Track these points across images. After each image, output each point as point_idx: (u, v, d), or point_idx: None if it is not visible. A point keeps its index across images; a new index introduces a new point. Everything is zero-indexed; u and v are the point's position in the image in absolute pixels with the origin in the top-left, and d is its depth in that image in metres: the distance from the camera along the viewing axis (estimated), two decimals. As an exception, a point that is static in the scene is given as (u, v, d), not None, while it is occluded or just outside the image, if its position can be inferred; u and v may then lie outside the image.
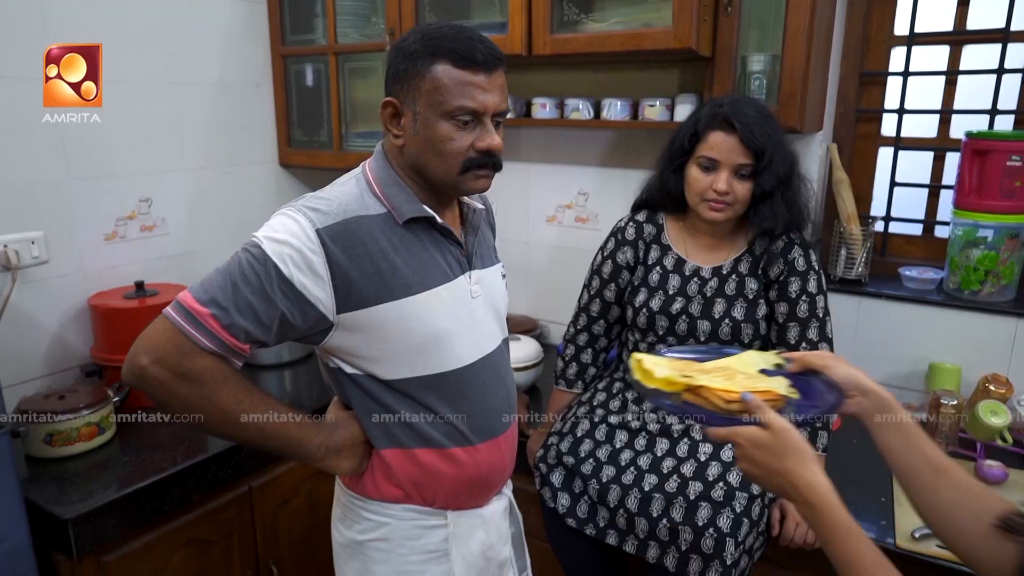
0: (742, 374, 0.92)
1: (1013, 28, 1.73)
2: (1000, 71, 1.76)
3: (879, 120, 1.94)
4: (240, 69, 2.24)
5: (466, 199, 1.19)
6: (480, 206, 1.21)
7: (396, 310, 1.05)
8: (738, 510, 1.31)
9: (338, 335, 1.06)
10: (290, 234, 0.99)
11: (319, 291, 1.01)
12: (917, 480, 0.87)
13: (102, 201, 1.93)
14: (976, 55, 1.81)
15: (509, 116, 1.98)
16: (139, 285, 1.90)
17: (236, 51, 2.22)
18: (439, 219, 1.09)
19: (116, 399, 1.73)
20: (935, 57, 1.86)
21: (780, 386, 0.90)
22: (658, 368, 0.91)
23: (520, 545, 1.32)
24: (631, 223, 1.57)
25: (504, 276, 1.27)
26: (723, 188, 1.35)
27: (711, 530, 1.30)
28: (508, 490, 1.30)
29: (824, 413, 0.89)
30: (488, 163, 1.06)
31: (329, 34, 2.17)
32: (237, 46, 2.22)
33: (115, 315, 1.82)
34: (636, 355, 0.97)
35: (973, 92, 1.83)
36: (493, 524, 1.22)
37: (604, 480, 1.42)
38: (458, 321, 1.11)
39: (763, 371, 0.95)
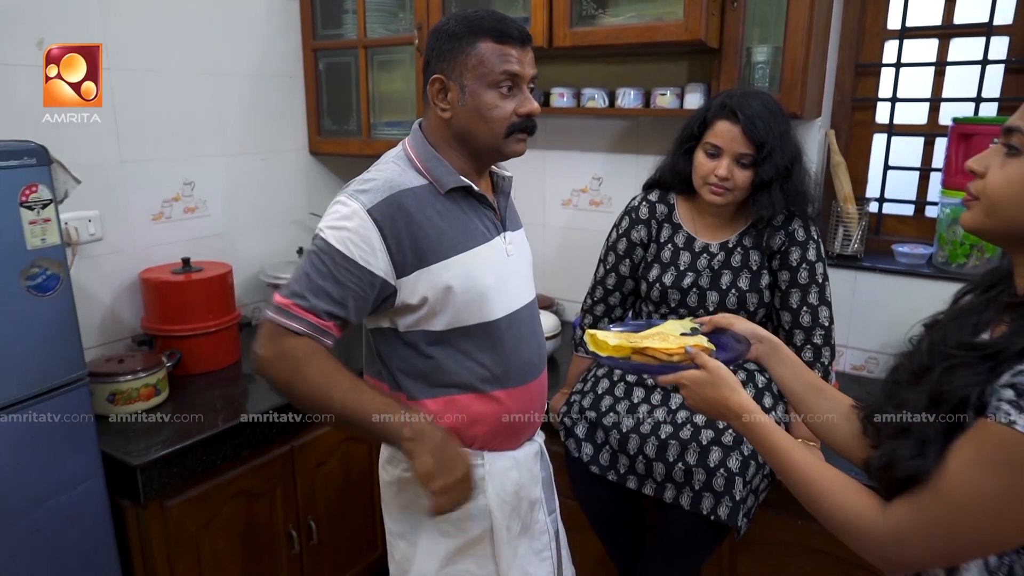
0: (672, 335, 1.12)
1: (996, 22, 1.88)
2: (984, 62, 1.91)
3: (874, 108, 2.08)
4: (274, 62, 2.38)
5: (496, 168, 1.33)
6: (508, 174, 1.35)
7: (445, 268, 1.19)
8: (746, 453, 1.46)
9: (400, 296, 1.19)
10: (345, 219, 1.14)
11: (379, 262, 1.15)
12: (805, 400, 1.09)
13: (150, 184, 2.08)
14: (962, 47, 1.96)
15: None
16: (185, 261, 2.04)
17: (271, 45, 2.36)
18: (476, 187, 1.24)
19: (169, 364, 1.87)
20: (925, 49, 2.01)
21: (702, 341, 1.10)
22: (609, 339, 1.10)
23: (550, 488, 1.45)
24: (644, 202, 1.71)
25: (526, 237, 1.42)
26: (724, 174, 1.48)
27: (722, 470, 1.44)
28: (540, 438, 1.44)
29: (738, 358, 1.10)
30: (528, 126, 1.21)
31: (359, 29, 2.31)
32: (272, 41, 2.37)
33: (165, 288, 1.97)
34: (589, 331, 1.15)
35: (960, 82, 1.97)
36: (525, 466, 1.35)
37: (624, 430, 1.56)
38: (496, 276, 1.25)
39: (683, 334, 1.14)
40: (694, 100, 1.94)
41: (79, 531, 1.49)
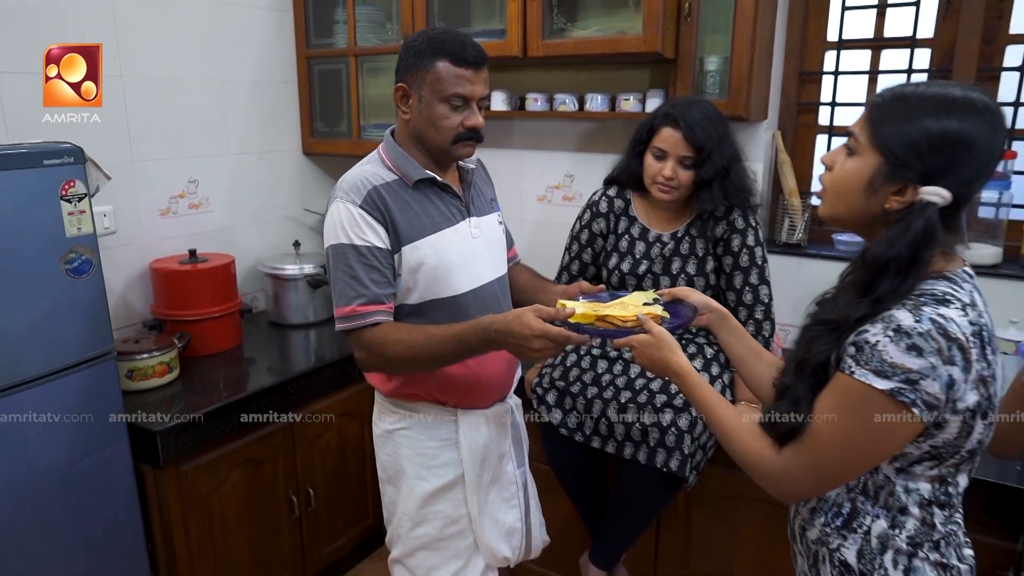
0: (632, 305, 1.33)
1: (919, 36, 2.11)
2: (910, 71, 2.15)
3: (816, 111, 2.31)
4: (270, 69, 2.58)
5: (461, 162, 1.52)
6: (472, 166, 1.55)
7: (417, 248, 1.40)
8: (694, 414, 1.68)
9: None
10: (348, 216, 1.36)
11: (384, 239, 1.37)
12: (746, 363, 1.28)
13: (159, 182, 2.26)
14: (892, 57, 2.20)
15: (504, 108, 2.34)
16: (192, 252, 2.23)
17: (267, 54, 2.56)
18: (439, 178, 1.44)
19: (180, 345, 2.06)
20: (860, 59, 2.24)
21: (658, 311, 1.31)
22: (576, 307, 1.31)
23: (519, 445, 1.65)
24: (604, 197, 1.92)
25: (502, 223, 1.61)
26: (669, 175, 1.69)
27: (673, 429, 1.66)
28: (512, 401, 1.65)
29: (685, 324, 1.30)
30: (473, 136, 1.42)
31: (350, 39, 2.51)
32: (268, 49, 2.56)
33: (174, 276, 2.15)
34: (561, 300, 1.36)
35: (891, 88, 2.21)
36: (495, 423, 1.56)
37: (589, 397, 1.77)
38: (462, 256, 1.45)
39: (645, 304, 1.35)
40: (654, 105, 2.15)
41: (106, 490, 1.68)
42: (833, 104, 2.27)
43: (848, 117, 2.29)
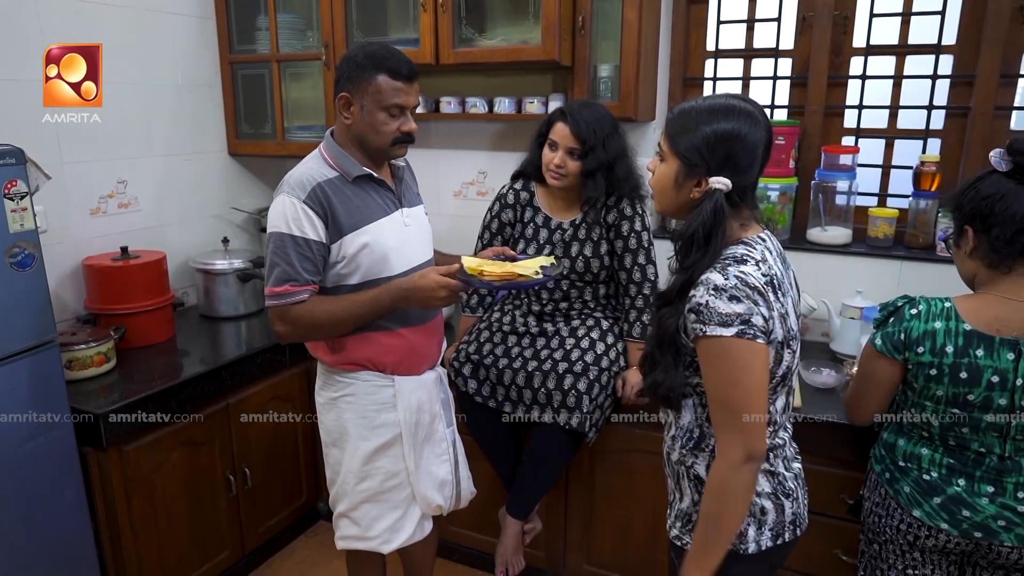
0: (512, 264, 1.62)
1: (782, 47, 2.44)
2: (775, 78, 2.47)
3: (699, 113, 2.61)
4: (195, 73, 2.69)
5: (393, 160, 1.74)
6: (401, 164, 1.78)
7: (358, 236, 1.60)
8: (591, 377, 1.92)
9: (331, 257, 1.60)
10: (292, 210, 1.55)
11: (320, 233, 1.57)
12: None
13: (88, 183, 2.36)
14: (761, 66, 2.51)
15: (421, 111, 2.54)
16: (124, 250, 2.34)
17: (192, 59, 2.67)
18: (376, 174, 1.65)
19: (116, 336, 2.17)
20: (735, 67, 2.55)
21: (528, 271, 1.58)
22: (466, 262, 1.60)
23: (448, 407, 1.86)
24: (511, 190, 2.14)
25: (427, 213, 1.84)
26: (558, 163, 1.93)
27: (573, 391, 1.90)
28: (440, 370, 1.85)
29: (555, 278, 1.60)
30: (407, 139, 1.65)
31: (272, 45, 2.66)
32: (193, 55, 2.67)
33: (108, 272, 2.26)
34: (464, 257, 1.63)
35: (760, 93, 2.53)
36: (427, 388, 1.77)
37: (501, 367, 2.00)
38: (396, 241, 1.66)
39: (543, 266, 1.64)
40: (556, 107, 2.40)
41: (52, 470, 1.79)
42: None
43: (725, 118, 2.59)
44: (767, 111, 2.50)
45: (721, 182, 1.18)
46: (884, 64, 2.35)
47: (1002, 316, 1.31)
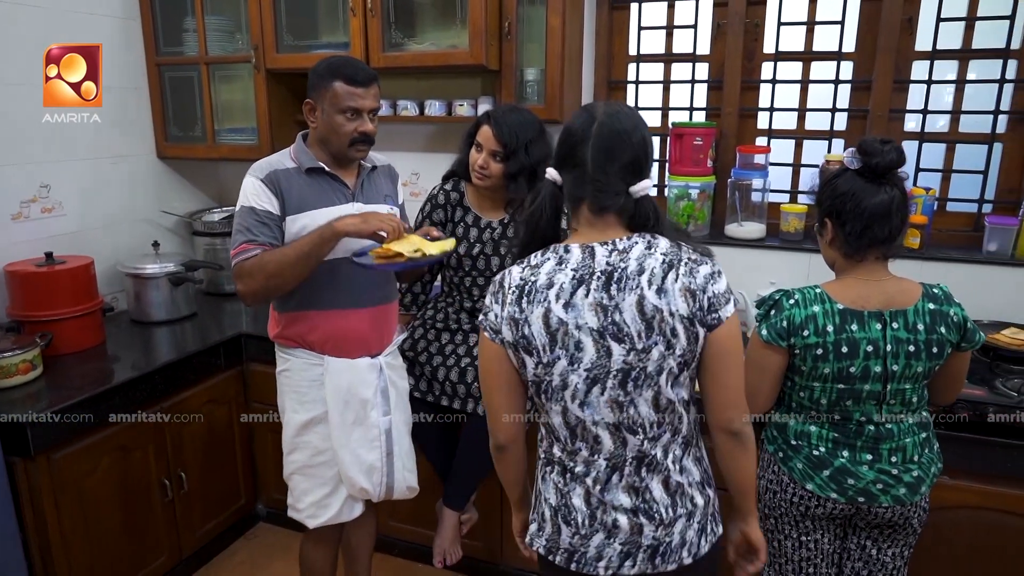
0: (420, 242, 1.73)
1: (699, 52, 2.57)
2: (693, 81, 2.60)
3: (623, 115, 2.71)
4: (121, 76, 2.65)
5: (363, 162, 1.85)
6: (371, 165, 1.87)
7: (298, 218, 1.73)
8: (522, 370, 2.00)
9: (285, 236, 1.73)
10: (252, 187, 1.73)
11: (275, 207, 1.72)
12: None
13: (8, 186, 2.31)
14: (679, 70, 2.64)
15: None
16: (48, 255, 2.29)
17: (117, 60, 2.63)
18: (327, 168, 1.76)
19: (42, 343, 2.13)
20: (656, 71, 2.67)
21: (407, 251, 1.67)
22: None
23: (385, 396, 1.88)
24: (441, 191, 2.20)
25: (393, 211, 1.89)
26: (482, 164, 1.99)
27: (504, 384, 1.97)
28: (382, 360, 1.87)
29: (440, 260, 1.76)
30: (364, 140, 1.75)
31: (200, 47, 2.64)
32: (117, 56, 2.63)
33: (31, 278, 2.22)
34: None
35: (680, 95, 2.66)
36: (359, 373, 1.81)
37: (435, 364, 2.06)
38: None
39: (445, 251, 1.77)
40: (485, 110, 2.47)
41: (-24, 480, 1.76)
42: (636, 108, 2.68)
43: (650, 119, 2.70)
44: (686, 113, 2.64)
45: (552, 176, 1.25)
46: (792, 69, 2.50)
47: (863, 294, 1.46)
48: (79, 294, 2.30)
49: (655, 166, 2.76)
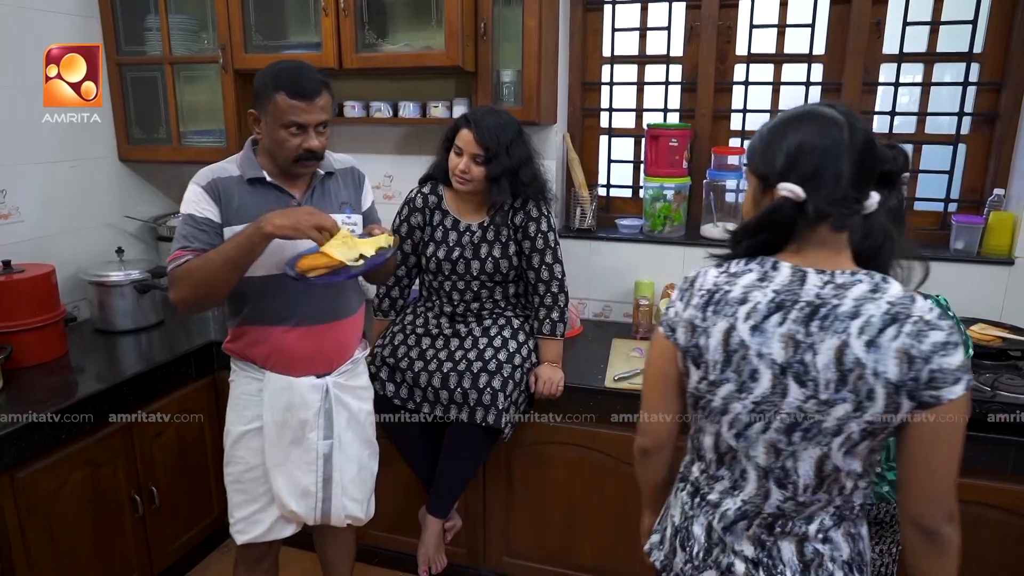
0: (354, 240, 1.63)
1: (672, 54, 2.58)
2: (667, 83, 2.61)
3: (598, 116, 2.72)
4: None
5: (317, 171, 1.74)
6: (323, 172, 1.75)
7: (234, 229, 1.63)
8: (505, 375, 1.98)
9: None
10: (193, 194, 1.66)
11: (215, 214, 1.65)
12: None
13: (-38, 192, 2.20)
14: (653, 71, 2.65)
15: (326, 115, 2.52)
16: (6, 264, 2.19)
17: (75, 60, 2.53)
18: (268, 178, 1.68)
19: (1, 357, 2.04)
20: (630, 72, 2.68)
21: (348, 259, 1.58)
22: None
23: (328, 421, 1.79)
24: (419, 194, 2.16)
25: (353, 222, 1.80)
26: (463, 168, 1.96)
27: (488, 389, 1.95)
28: (329, 381, 1.78)
29: (380, 265, 1.63)
30: (310, 156, 1.65)
31: (164, 47, 2.56)
32: (76, 56, 2.53)
33: (-12, 289, 2.12)
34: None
35: (654, 97, 2.67)
36: (299, 392, 1.73)
37: (416, 370, 2.03)
38: (279, 243, 1.60)
39: (380, 248, 1.65)
40: (460, 111, 2.44)
41: (-65, 503, 1.67)
42: (611, 110, 2.69)
43: (625, 120, 2.72)
44: (660, 115, 2.65)
45: (788, 188, 1.02)
46: (764, 71, 2.53)
47: None
48: (40, 304, 2.20)
49: (630, 167, 2.78)
